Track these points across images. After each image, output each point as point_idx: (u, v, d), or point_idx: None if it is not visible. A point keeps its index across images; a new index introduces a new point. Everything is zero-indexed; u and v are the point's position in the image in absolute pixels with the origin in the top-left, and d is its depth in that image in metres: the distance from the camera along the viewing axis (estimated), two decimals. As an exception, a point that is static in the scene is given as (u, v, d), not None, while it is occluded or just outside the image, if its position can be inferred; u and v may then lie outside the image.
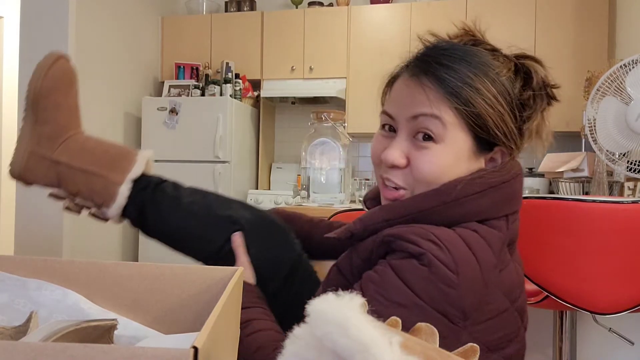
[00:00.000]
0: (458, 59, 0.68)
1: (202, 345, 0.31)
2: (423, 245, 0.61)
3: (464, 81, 0.66)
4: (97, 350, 0.31)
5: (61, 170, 0.90)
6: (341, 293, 0.32)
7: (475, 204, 0.66)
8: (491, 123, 0.66)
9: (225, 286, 0.47)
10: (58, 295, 0.53)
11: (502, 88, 0.67)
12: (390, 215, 0.67)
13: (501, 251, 0.67)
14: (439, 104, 0.66)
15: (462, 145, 0.67)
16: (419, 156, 0.68)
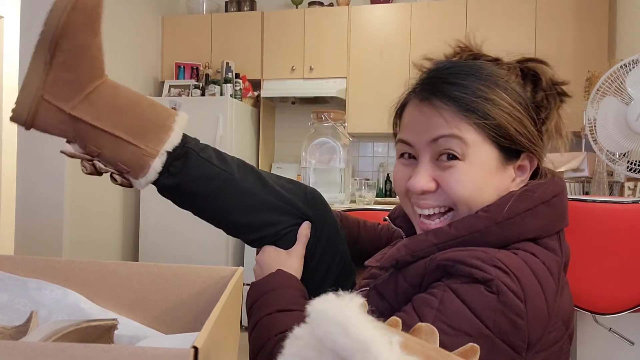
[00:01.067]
0: (465, 75, 0.67)
1: (202, 345, 0.31)
2: (490, 272, 0.58)
3: (476, 95, 0.65)
4: (98, 349, 0.31)
5: (81, 128, 0.75)
6: (341, 293, 0.31)
7: (528, 221, 0.64)
8: (512, 130, 0.65)
9: (226, 286, 0.47)
10: (58, 295, 0.53)
11: (515, 94, 0.67)
12: (440, 239, 0.65)
13: (560, 276, 0.65)
14: (457, 122, 0.65)
15: (488, 159, 0.66)
16: (447, 176, 0.66)
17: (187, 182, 0.80)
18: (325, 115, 2.91)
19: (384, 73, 3.49)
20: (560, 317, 0.64)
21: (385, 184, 3.84)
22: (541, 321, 0.60)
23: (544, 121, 0.69)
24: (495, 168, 0.66)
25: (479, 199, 0.66)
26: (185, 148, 0.82)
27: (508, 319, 0.57)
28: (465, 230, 0.64)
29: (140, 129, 0.78)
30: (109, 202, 3.30)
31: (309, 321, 0.30)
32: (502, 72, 0.68)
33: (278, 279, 0.74)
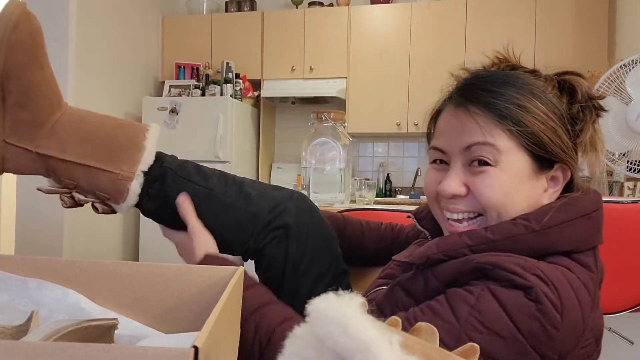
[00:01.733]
0: (501, 83, 0.67)
1: (203, 344, 0.31)
2: (531, 280, 0.58)
3: (511, 102, 0.65)
4: (98, 349, 0.31)
5: (52, 164, 0.73)
6: (342, 292, 0.32)
7: (566, 233, 0.64)
8: (546, 139, 0.65)
9: (226, 286, 0.47)
10: (58, 295, 0.53)
11: (551, 104, 0.67)
12: (474, 241, 0.64)
13: (595, 293, 0.64)
14: (491, 129, 0.65)
15: (520, 166, 0.66)
16: (478, 181, 0.66)
17: (168, 203, 0.79)
18: (325, 116, 2.91)
19: (384, 73, 3.49)
20: (594, 333, 0.64)
21: (385, 184, 3.84)
22: (575, 335, 0.59)
23: (578, 134, 0.68)
24: (527, 176, 0.66)
25: (508, 206, 0.65)
26: (163, 168, 0.80)
27: (543, 328, 0.56)
28: (501, 235, 0.63)
29: (111, 154, 0.75)
30: (109, 202, 3.30)
31: (309, 321, 0.30)
32: (539, 83, 0.68)
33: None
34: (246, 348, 0.65)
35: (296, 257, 0.82)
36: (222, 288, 0.51)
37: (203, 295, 0.54)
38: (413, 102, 3.46)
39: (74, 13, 2.89)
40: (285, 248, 0.82)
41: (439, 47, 3.41)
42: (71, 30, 2.87)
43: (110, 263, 0.55)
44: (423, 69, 3.43)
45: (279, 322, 0.67)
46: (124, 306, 0.54)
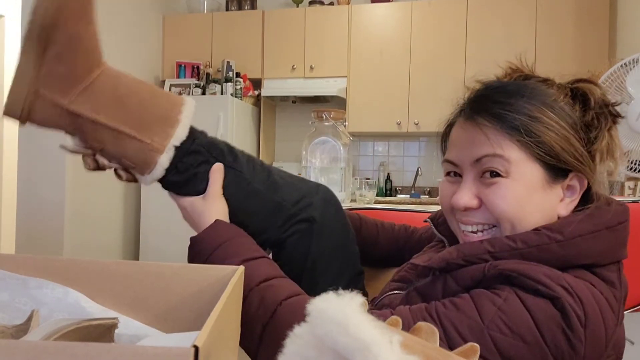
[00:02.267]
0: (511, 93, 0.67)
1: (203, 344, 0.31)
2: (557, 290, 0.57)
3: (520, 112, 0.65)
4: (98, 348, 0.31)
5: (81, 123, 0.70)
6: (342, 292, 0.32)
7: (589, 244, 0.63)
8: (558, 148, 0.65)
9: (226, 285, 0.47)
10: (59, 294, 0.54)
11: (563, 113, 0.66)
12: (495, 248, 0.64)
13: (619, 310, 0.64)
14: (500, 141, 0.65)
15: (532, 177, 0.65)
16: (490, 193, 0.66)
17: (197, 179, 0.76)
18: (326, 115, 2.90)
19: (384, 72, 3.49)
20: (615, 350, 0.63)
21: (386, 183, 3.84)
22: (598, 349, 0.59)
23: (593, 141, 0.67)
24: (540, 187, 0.65)
25: (522, 217, 0.65)
26: (195, 145, 0.77)
27: (567, 340, 0.56)
28: (523, 244, 0.63)
29: (144, 122, 0.72)
30: (110, 201, 3.30)
31: (309, 320, 0.30)
32: (551, 92, 0.68)
33: (221, 232, 0.72)
34: (248, 321, 0.63)
35: (317, 254, 0.81)
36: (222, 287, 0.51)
37: (203, 295, 0.54)
38: (413, 101, 3.46)
39: (74, 12, 2.88)
40: (308, 243, 0.80)
41: (440, 46, 3.41)
42: (72, 29, 2.87)
43: (110, 262, 0.55)
44: (424, 68, 3.43)
45: (286, 296, 0.65)
46: (125, 305, 0.54)
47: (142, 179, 0.75)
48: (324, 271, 0.82)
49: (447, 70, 3.37)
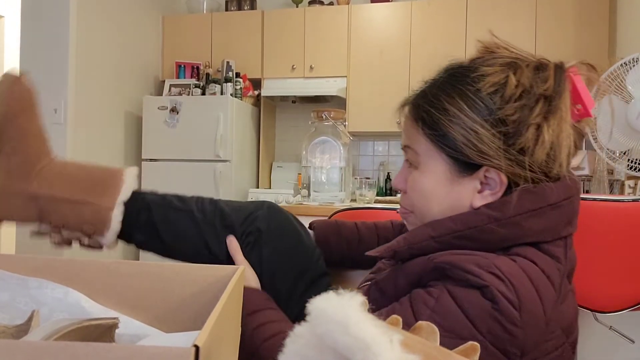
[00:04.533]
0: (436, 84, 0.67)
1: (204, 344, 0.31)
2: (486, 278, 0.58)
3: (434, 105, 0.65)
4: (99, 348, 0.31)
5: (42, 204, 0.80)
6: (342, 292, 0.32)
7: (531, 223, 0.62)
8: (462, 143, 0.63)
9: (227, 285, 0.47)
10: (59, 294, 0.54)
11: (480, 105, 0.63)
12: (437, 232, 0.65)
13: (561, 285, 0.64)
14: (412, 132, 0.68)
15: (438, 170, 0.66)
16: (408, 182, 0.70)
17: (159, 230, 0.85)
18: (326, 114, 2.91)
19: (384, 72, 3.48)
20: (560, 325, 0.63)
21: (386, 182, 3.84)
22: (537, 329, 0.59)
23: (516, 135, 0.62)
24: (446, 179, 0.66)
25: (426, 208, 0.68)
26: (145, 199, 0.86)
27: (502, 326, 0.57)
28: (464, 225, 0.64)
29: (93, 187, 0.82)
30: (110, 201, 3.30)
31: (309, 319, 0.30)
32: (479, 81, 0.64)
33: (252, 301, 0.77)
34: None
35: (269, 260, 0.84)
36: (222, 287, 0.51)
37: (204, 294, 0.54)
38: (413, 100, 3.45)
39: (74, 12, 2.88)
40: (259, 251, 0.84)
41: (440, 46, 3.41)
42: (71, 29, 2.87)
43: (110, 262, 0.55)
44: (424, 68, 3.42)
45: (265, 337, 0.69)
46: (125, 305, 0.54)
47: (104, 239, 0.84)
48: (281, 275, 0.85)
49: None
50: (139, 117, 3.50)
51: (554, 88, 0.62)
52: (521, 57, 0.66)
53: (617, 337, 1.48)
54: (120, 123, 3.40)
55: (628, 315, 1.26)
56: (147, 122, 3.39)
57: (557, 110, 0.62)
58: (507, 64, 0.65)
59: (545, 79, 0.63)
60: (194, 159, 3.29)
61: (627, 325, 1.54)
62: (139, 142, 3.47)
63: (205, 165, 3.27)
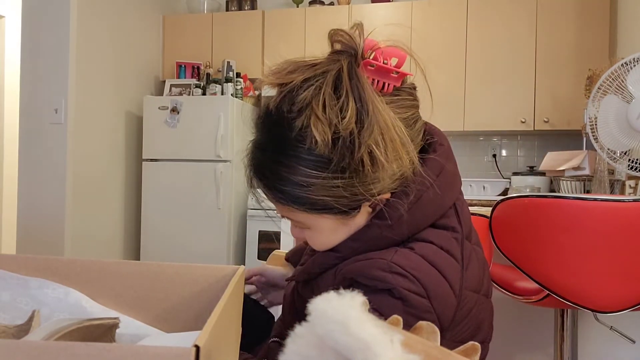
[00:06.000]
0: (269, 159, 0.64)
1: (204, 343, 0.31)
2: (390, 280, 0.60)
3: (283, 184, 0.62)
4: (99, 348, 0.31)
5: None
6: (342, 292, 0.32)
7: (417, 214, 0.64)
8: (331, 202, 0.62)
9: (227, 285, 0.47)
10: (60, 294, 0.54)
11: (321, 162, 0.60)
12: (342, 252, 0.68)
13: (463, 251, 0.67)
14: (285, 208, 0.65)
15: (326, 225, 0.66)
16: (306, 236, 0.69)
17: None
18: (326, 114, 2.90)
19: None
20: (470, 288, 0.67)
21: (386, 182, 3.84)
22: (450, 307, 0.63)
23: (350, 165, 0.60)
24: (339, 225, 0.66)
25: (332, 247, 0.69)
26: None
27: (417, 318, 0.58)
28: (363, 242, 0.66)
29: None
30: (111, 201, 3.30)
31: (310, 320, 0.30)
32: (305, 140, 0.60)
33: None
34: None
35: None
36: (223, 287, 0.52)
37: (204, 294, 0.54)
38: (414, 100, 3.45)
39: (74, 12, 2.88)
40: None
41: (440, 46, 3.40)
42: (72, 29, 2.87)
43: (111, 262, 0.55)
44: (424, 68, 3.42)
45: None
46: (125, 305, 0.54)
47: None
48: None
49: (448, 70, 3.37)
50: (140, 117, 3.50)
51: (357, 110, 0.58)
52: (313, 75, 0.63)
53: (617, 337, 1.48)
54: (121, 123, 3.40)
55: (629, 315, 1.26)
56: (147, 122, 3.39)
57: (372, 128, 0.58)
58: (310, 107, 0.60)
59: (343, 103, 0.58)
60: (195, 159, 3.29)
61: (627, 326, 1.54)
62: (140, 142, 3.47)
63: (205, 166, 3.27)
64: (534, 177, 3.08)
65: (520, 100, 3.25)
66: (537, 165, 3.32)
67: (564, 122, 3.14)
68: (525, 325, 1.80)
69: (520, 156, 3.62)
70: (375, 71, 0.63)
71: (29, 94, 2.88)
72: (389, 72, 0.65)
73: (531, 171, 3.22)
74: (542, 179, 3.02)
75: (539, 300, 1.28)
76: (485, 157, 3.68)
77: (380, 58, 0.64)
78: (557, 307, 1.42)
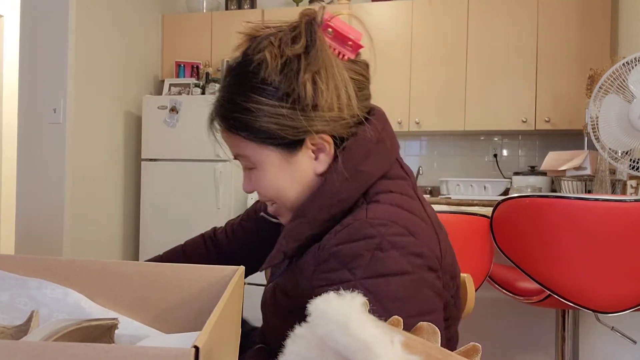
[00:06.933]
0: (228, 89, 0.69)
1: (203, 344, 0.31)
2: (374, 234, 0.63)
3: (235, 108, 0.68)
4: (98, 349, 0.31)
5: None
6: (342, 292, 0.31)
7: (371, 164, 0.68)
8: (275, 129, 0.67)
9: (226, 285, 0.47)
10: (59, 295, 0.53)
11: (273, 90, 0.66)
12: (312, 216, 0.68)
13: (417, 194, 0.72)
14: (232, 140, 0.69)
15: (271, 161, 0.69)
16: (253, 184, 0.72)
17: None
18: (326, 114, 2.90)
19: (384, 71, 3.48)
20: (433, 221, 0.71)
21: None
22: (434, 241, 0.68)
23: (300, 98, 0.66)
24: (282, 164, 0.69)
25: (282, 196, 0.71)
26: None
27: (414, 255, 0.63)
28: (325, 200, 0.68)
29: None
30: (110, 201, 3.30)
31: (310, 320, 0.30)
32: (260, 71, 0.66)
33: None
34: None
35: None
36: (222, 287, 0.51)
37: (203, 295, 0.54)
38: (414, 100, 3.45)
39: (73, 11, 2.88)
40: None
41: (441, 45, 3.40)
42: (71, 28, 2.87)
43: (110, 262, 0.55)
44: (424, 67, 3.43)
45: None
46: (124, 306, 0.54)
47: None
48: None
49: (448, 69, 3.37)
50: (139, 117, 3.50)
51: (306, 43, 0.66)
52: (278, 30, 0.69)
53: (619, 338, 1.48)
54: (120, 123, 3.40)
55: (630, 315, 1.26)
56: (146, 121, 3.39)
57: (318, 60, 0.65)
58: (269, 43, 0.67)
59: (296, 38, 0.66)
60: (194, 158, 3.29)
61: (629, 326, 1.54)
62: (139, 142, 3.47)
63: (205, 165, 3.27)
64: (535, 177, 3.08)
65: (521, 100, 3.25)
66: (538, 165, 3.32)
67: (565, 122, 3.14)
68: (526, 326, 1.80)
69: (521, 156, 3.62)
70: (333, 38, 0.68)
71: (27, 93, 2.88)
72: (345, 40, 0.69)
73: (532, 171, 3.22)
74: (543, 179, 3.02)
75: (540, 301, 1.28)
76: (486, 157, 3.68)
77: (340, 24, 0.69)
78: (558, 308, 1.42)
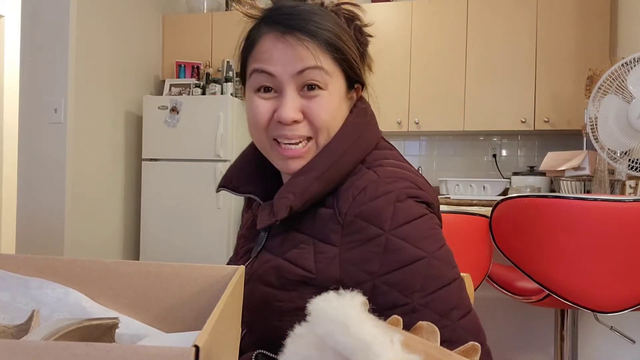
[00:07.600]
0: (314, 13, 0.73)
1: (204, 344, 0.31)
2: (390, 189, 0.67)
3: (330, 31, 0.72)
4: (99, 348, 0.31)
5: None
6: (342, 292, 0.31)
7: (371, 132, 0.76)
8: (354, 64, 0.75)
9: (227, 285, 0.47)
10: (59, 294, 0.53)
11: (348, 31, 0.76)
12: (318, 170, 0.69)
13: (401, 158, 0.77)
14: (320, 55, 0.71)
15: (340, 88, 0.74)
16: (313, 106, 0.71)
17: None
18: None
19: (384, 71, 3.48)
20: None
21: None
22: (436, 198, 0.74)
23: (364, 57, 0.79)
24: (344, 97, 0.75)
25: (334, 125, 0.73)
26: None
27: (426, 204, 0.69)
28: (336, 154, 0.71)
29: None
30: (110, 201, 3.30)
31: (309, 320, 0.30)
32: (333, 14, 0.76)
33: None
34: None
35: None
36: (223, 287, 0.51)
37: (204, 294, 0.54)
38: (414, 100, 3.45)
39: (74, 12, 2.88)
40: None
41: (440, 45, 3.40)
42: (71, 28, 2.87)
43: (111, 262, 0.55)
44: (424, 67, 3.43)
45: None
46: (125, 305, 0.54)
47: None
48: None
49: (448, 70, 3.37)
50: (139, 117, 3.50)
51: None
52: None
53: (618, 337, 1.48)
54: (121, 123, 3.40)
55: (628, 315, 1.26)
56: (147, 121, 3.39)
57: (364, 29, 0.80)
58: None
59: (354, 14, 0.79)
60: (194, 158, 3.29)
61: (628, 326, 1.54)
62: (139, 142, 3.47)
63: (205, 165, 3.27)
64: (534, 177, 3.08)
65: (520, 100, 3.25)
66: (537, 165, 3.32)
67: (564, 122, 3.14)
68: (525, 325, 1.80)
69: (521, 156, 3.62)
70: None
71: (28, 93, 2.88)
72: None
73: (531, 171, 3.22)
74: (542, 179, 3.02)
75: (539, 301, 1.28)
76: (486, 157, 3.68)
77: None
78: (557, 307, 1.42)
